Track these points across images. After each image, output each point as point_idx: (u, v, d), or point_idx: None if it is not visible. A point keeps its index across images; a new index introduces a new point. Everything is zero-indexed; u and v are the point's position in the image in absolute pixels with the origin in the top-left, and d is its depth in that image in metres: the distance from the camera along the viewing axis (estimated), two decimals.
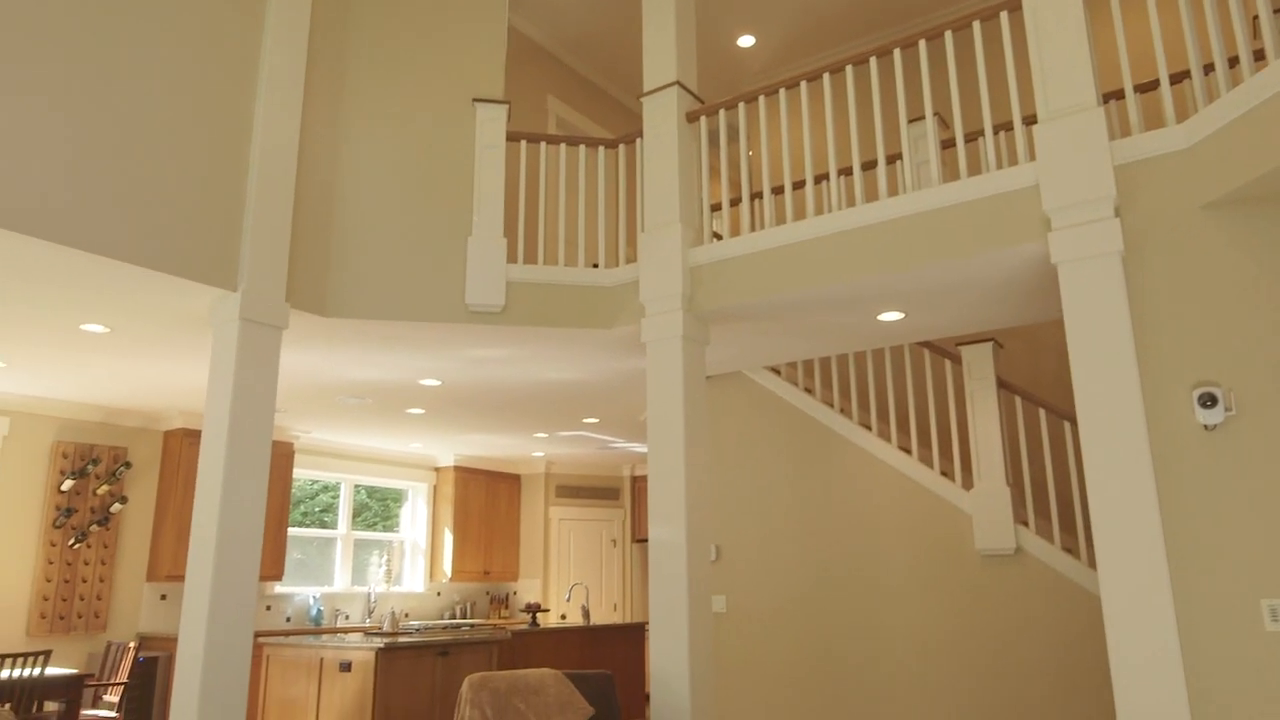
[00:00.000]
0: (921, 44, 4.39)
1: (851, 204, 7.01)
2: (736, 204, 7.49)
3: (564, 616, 10.28)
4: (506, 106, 5.23)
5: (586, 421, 7.92)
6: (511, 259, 6.38)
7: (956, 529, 5.18)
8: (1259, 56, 4.51)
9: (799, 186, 6.27)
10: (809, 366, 6.49)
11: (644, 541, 10.81)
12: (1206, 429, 3.40)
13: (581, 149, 5.33)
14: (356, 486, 9.51)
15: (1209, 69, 4.81)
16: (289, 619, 8.46)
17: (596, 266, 5.26)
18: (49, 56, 3.78)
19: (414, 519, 10.02)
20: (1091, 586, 4.74)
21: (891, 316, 4.87)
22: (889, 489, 5.45)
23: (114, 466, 7.25)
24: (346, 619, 8.97)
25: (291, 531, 8.67)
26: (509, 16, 6.78)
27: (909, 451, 5.69)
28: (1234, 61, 4.69)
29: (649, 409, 4.71)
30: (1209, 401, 3.37)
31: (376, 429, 8.26)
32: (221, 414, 4.26)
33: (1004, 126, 5.16)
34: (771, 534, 5.83)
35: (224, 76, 4.49)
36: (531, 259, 6.53)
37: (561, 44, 7.53)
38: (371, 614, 9.04)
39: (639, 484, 10.88)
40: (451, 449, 9.63)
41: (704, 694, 4.34)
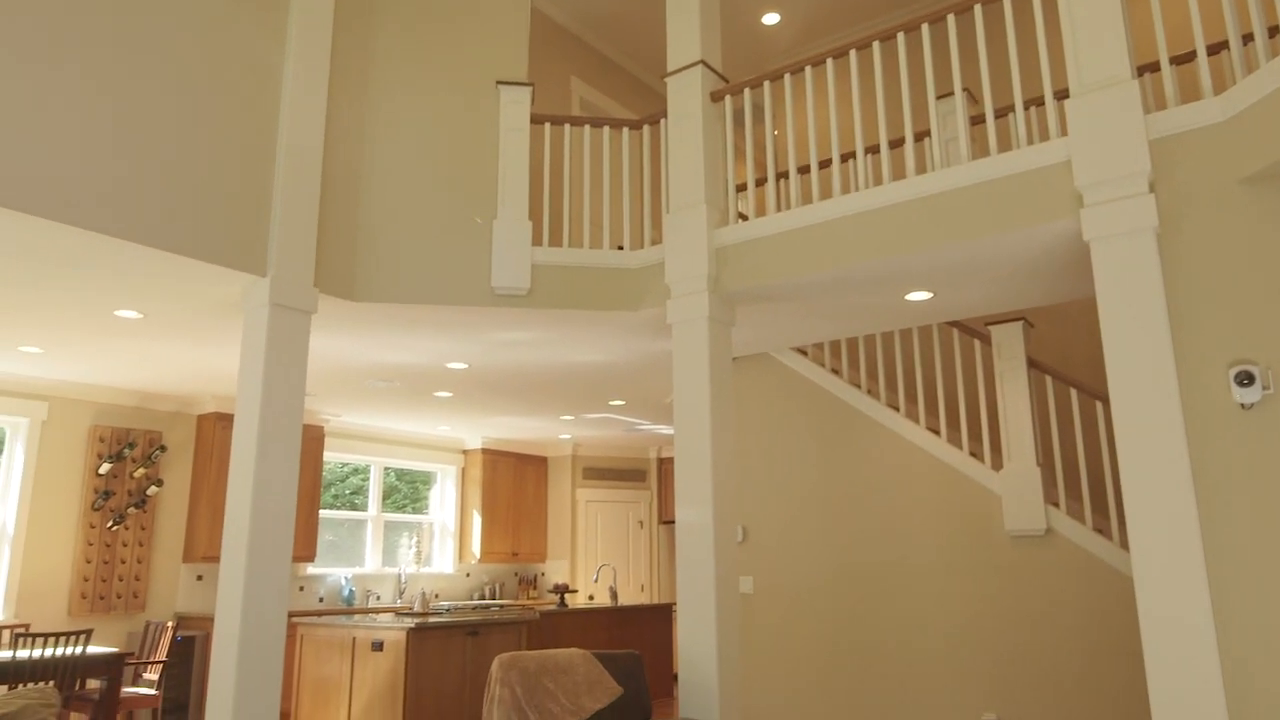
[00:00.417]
0: (950, 18, 4.32)
1: (878, 183, 6.93)
2: (762, 184, 7.43)
3: (591, 597, 10.36)
4: (530, 89, 5.22)
5: (613, 404, 7.94)
6: (536, 242, 6.37)
7: (986, 510, 5.14)
8: None
9: (825, 166, 6.20)
10: (836, 347, 6.45)
11: (671, 523, 10.84)
12: (1243, 408, 3.34)
13: (605, 130, 5.30)
14: (386, 469, 9.62)
15: (1248, 39, 4.69)
16: (322, 599, 8.60)
17: (621, 248, 5.25)
18: (82, 49, 3.82)
19: (442, 501, 10.12)
20: (1123, 568, 4.68)
21: (919, 296, 4.82)
22: (917, 470, 5.41)
23: (149, 450, 7.38)
24: (378, 599, 9.09)
25: (323, 514, 8.79)
26: None
27: (937, 432, 5.65)
28: (1274, 31, 4.57)
29: (675, 391, 4.71)
30: (1246, 380, 3.31)
31: (405, 412, 8.34)
32: (253, 398, 4.32)
33: (1035, 101, 5.06)
34: (799, 515, 5.82)
35: (251, 63, 4.52)
36: (556, 242, 6.54)
37: (584, 25, 7.49)
38: (402, 594, 9.16)
39: (665, 466, 10.90)
40: (479, 432, 9.70)
41: (732, 674, 4.36)
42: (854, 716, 5.40)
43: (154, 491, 7.29)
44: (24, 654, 5.14)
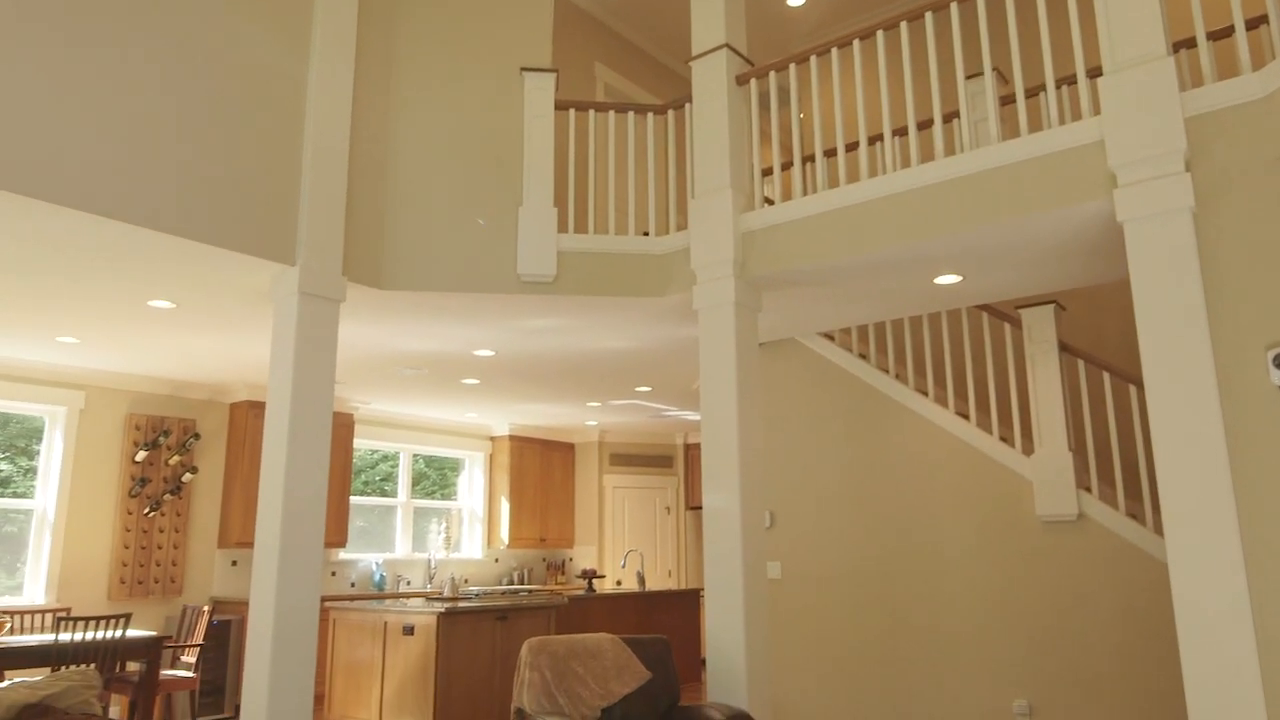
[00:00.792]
0: None
1: (906, 165, 6.85)
2: (788, 168, 7.37)
3: (619, 583, 10.41)
4: (554, 75, 5.21)
5: (639, 390, 7.95)
6: (562, 228, 6.38)
7: (1016, 495, 5.09)
8: None
9: (852, 149, 6.14)
10: (864, 332, 6.40)
11: (698, 509, 10.85)
12: None
13: (630, 116, 5.29)
14: (415, 456, 9.71)
15: None
16: (353, 584, 8.72)
17: (647, 234, 5.24)
18: (111, 41, 3.87)
19: (471, 487, 10.20)
20: (1157, 553, 4.62)
21: (948, 280, 4.77)
22: (946, 455, 5.37)
23: (184, 438, 7.50)
24: (408, 584, 9.20)
25: (354, 500, 8.90)
26: None
27: (967, 417, 5.59)
28: None
29: (702, 376, 4.70)
30: None
31: (433, 399, 8.40)
32: (284, 386, 4.37)
33: (1066, 80, 4.97)
34: (826, 500, 5.80)
35: (277, 53, 4.55)
36: (582, 228, 6.53)
37: (608, 9, 7.45)
38: (432, 580, 9.27)
39: (692, 452, 10.90)
40: (506, 418, 9.75)
41: (760, 659, 4.36)
42: (883, 702, 5.39)
43: (189, 478, 7.41)
44: (66, 637, 5.27)
